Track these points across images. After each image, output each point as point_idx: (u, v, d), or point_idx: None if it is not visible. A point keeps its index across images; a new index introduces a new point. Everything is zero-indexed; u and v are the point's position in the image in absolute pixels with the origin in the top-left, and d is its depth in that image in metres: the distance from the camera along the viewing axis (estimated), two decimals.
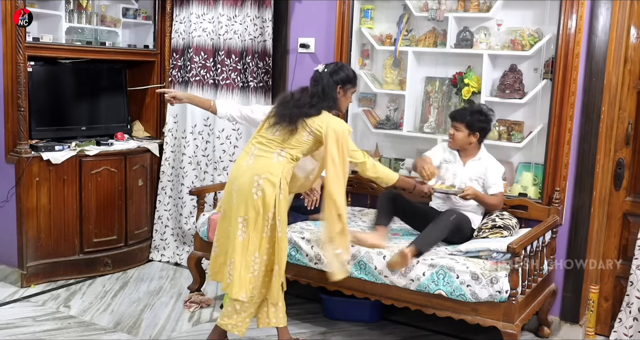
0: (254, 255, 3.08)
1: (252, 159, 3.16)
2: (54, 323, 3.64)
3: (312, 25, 4.38)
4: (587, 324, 3.49)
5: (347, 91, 3.29)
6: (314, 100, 3.16)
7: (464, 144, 3.61)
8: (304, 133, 3.13)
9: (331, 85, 3.20)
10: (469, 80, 3.86)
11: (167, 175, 4.78)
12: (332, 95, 3.21)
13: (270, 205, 3.07)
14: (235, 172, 3.19)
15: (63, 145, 4.22)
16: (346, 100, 3.33)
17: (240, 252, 3.08)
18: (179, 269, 4.66)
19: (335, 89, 3.22)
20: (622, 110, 3.58)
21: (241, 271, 3.07)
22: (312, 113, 3.13)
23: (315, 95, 3.18)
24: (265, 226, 3.08)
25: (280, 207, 3.09)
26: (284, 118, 3.14)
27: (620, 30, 3.45)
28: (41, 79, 4.23)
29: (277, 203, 3.08)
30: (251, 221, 3.07)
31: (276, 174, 3.09)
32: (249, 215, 3.07)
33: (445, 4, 3.91)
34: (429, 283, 3.16)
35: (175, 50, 4.70)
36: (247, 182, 3.08)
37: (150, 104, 4.93)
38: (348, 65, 3.42)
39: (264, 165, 3.11)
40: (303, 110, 3.13)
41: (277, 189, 3.08)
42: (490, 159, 3.64)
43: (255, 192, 3.06)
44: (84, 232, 4.32)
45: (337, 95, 3.24)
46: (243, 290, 3.07)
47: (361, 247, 3.36)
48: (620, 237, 3.66)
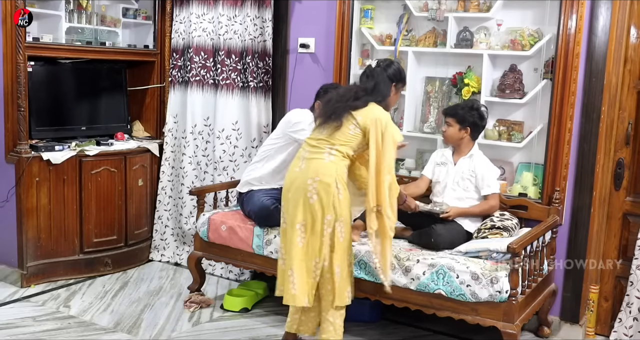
0: (315, 261, 3.01)
1: (304, 163, 3.07)
2: (54, 323, 3.64)
3: (312, 25, 4.38)
4: (587, 324, 3.50)
5: (399, 89, 3.27)
6: (359, 93, 3.11)
7: (456, 140, 3.61)
8: (350, 126, 3.05)
9: (386, 82, 3.17)
10: (469, 80, 3.86)
11: (167, 175, 4.78)
12: (383, 91, 3.16)
13: (329, 208, 2.99)
14: (289, 178, 3.11)
15: (63, 145, 4.22)
16: (396, 98, 3.31)
17: (301, 258, 3.02)
18: (179, 269, 4.66)
19: (390, 85, 3.19)
20: (622, 110, 3.58)
21: (302, 278, 3.01)
22: (358, 105, 3.07)
23: (365, 90, 3.13)
24: (324, 230, 2.99)
25: (341, 208, 3.00)
26: (329, 114, 3.09)
27: (620, 30, 3.45)
28: (41, 79, 4.23)
29: (335, 204, 2.99)
30: (309, 226, 3.00)
31: (330, 174, 3.00)
32: (307, 220, 3.00)
33: (445, 4, 3.91)
34: (429, 282, 3.16)
35: (175, 50, 4.70)
36: (302, 186, 3.01)
37: (150, 104, 4.93)
38: (399, 62, 3.40)
39: (316, 167, 3.02)
40: (348, 103, 3.07)
41: (333, 190, 2.99)
42: (482, 158, 3.61)
43: (310, 196, 2.98)
44: (84, 232, 4.32)
45: (390, 93, 3.20)
46: (305, 296, 3.02)
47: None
48: (620, 237, 3.66)
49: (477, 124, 3.58)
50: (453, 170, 3.63)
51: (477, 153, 3.63)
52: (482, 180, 3.54)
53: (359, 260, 3.35)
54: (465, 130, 3.57)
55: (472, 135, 3.60)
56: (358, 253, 3.35)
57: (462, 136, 3.59)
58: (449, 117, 3.60)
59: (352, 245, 3.23)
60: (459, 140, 3.61)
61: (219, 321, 3.77)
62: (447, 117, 3.61)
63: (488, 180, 3.54)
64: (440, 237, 3.36)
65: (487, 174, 3.55)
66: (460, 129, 3.57)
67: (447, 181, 3.63)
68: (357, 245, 3.39)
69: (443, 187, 3.64)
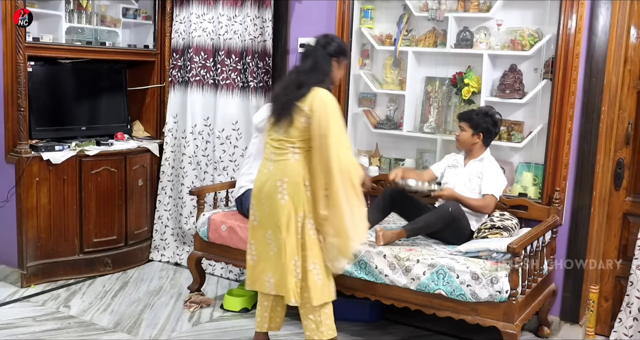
0: (294, 259, 3.02)
1: (272, 164, 3.06)
2: (54, 323, 3.64)
3: (312, 25, 4.37)
4: (587, 324, 3.50)
5: (341, 63, 3.15)
6: (301, 79, 3.03)
7: (469, 145, 3.62)
8: (301, 119, 2.97)
9: (325, 58, 3.06)
10: (469, 80, 3.86)
11: (167, 175, 4.78)
12: (324, 69, 3.05)
13: (299, 206, 2.99)
14: (259, 180, 3.10)
15: (63, 145, 4.22)
16: (340, 72, 3.18)
17: (283, 258, 3.02)
18: (179, 269, 4.66)
19: (330, 61, 3.08)
20: (622, 110, 3.58)
21: (287, 277, 3.01)
22: (303, 93, 2.99)
23: (305, 72, 3.05)
24: (298, 228, 3.00)
25: (310, 205, 3.00)
26: (279, 112, 3.05)
27: (620, 30, 3.45)
28: (41, 79, 4.22)
29: (304, 202, 2.99)
30: (284, 226, 3.00)
31: (298, 173, 2.99)
32: (282, 221, 3.00)
33: (445, 4, 3.91)
34: (429, 282, 3.16)
35: (175, 50, 4.70)
36: (272, 188, 3.01)
37: (150, 104, 4.93)
38: (338, 37, 3.26)
39: (284, 168, 3.01)
40: (292, 95, 3.01)
41: (302, 188, 2.99)
42: (492, 162, 3.62)
43: (282, 197, 2.99)
44: (84, 232, 4.32)
45: (332, 68, 3.09)
46: (292, 296, 3.02)
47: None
48: (620, 237, 3.66)
49: (490, 130, 3.58)
50: (462, 172, 3.64)
51: (489, 158, 3.64)
52: (485, 180, 3.54)
53: (359, 260, 3.35)
54: (477, 135, 3.58)
55: (484, 141, 3.61)
56: (358, 253, 3.36)
57: (474, 141, 3.60)
58: (463, 122, 3.61)
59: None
60: (471, 145, 3.62)
61: (219, 321, 3.77)
62: (461, 122, 3.62)
63: (490, 181, 3.54)
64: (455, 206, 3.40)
65: (492, 176, 3.55)
66: (473, 134, 3.58)
67: (455, 182, 3.63)
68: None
69: (452, 187, 3.64)
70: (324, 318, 3.07)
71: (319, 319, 3.07)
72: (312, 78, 3.03)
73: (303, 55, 3.16)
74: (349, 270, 3.38)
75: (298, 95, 2.99)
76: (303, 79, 3.03)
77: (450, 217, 3.38)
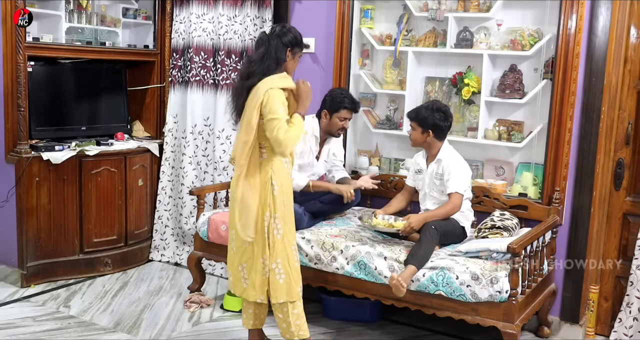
0: (262, 257, 3.04)
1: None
2: (54, 323, 3.64)
3: (312, 25, 4.37)
4: (587, 324, 3.49)
5: (296, 54, 3.07)
6: (252, 68, 2.98)
7: (421, 143, 3.54)
8: (256, 114, 2.92)
9: (279, 47, 2.98)
10: (469, 80, 3.86)
11: (167, 175, 4.78)
12: (277, 56, 2.97)
13: (265, 205, 2.99)
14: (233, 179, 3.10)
15: (63, 145, 4.22)
16: (295, 64, 3.09)
17: (250, 256, 3.05)
18: (179, 269, 4.66)
19: (285, 50, 3.00)
20: (622, 110, 3.58)
21: (255, 275, 3.04)
22: (254, 83, 2.94)
23: (256, 62, 2.98)
24: (264, 227, 3.02)
25: (275, 204, 3.00)
26: (239, 110, 3.02)
27: (620, 30, 3.45)
28: (41, 79, 4.23)
29: (269, 201, 2.99)
30: None
31: (265, 172, 3.00)
32: None
33: (445, 4, 3.91)
34: (429, 284, 3.16)
35: (175, 50, 4.70)
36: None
37: (150, 104, 4.93)
38: (295, 28, 3.15)
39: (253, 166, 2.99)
40: (243, 91, 2.98)
41: (268, 187, 2.99)
42: (449, 159, 3.50)
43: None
44: (84, 232, 4.32)
45: (286, 58, 3.01)
46: (260, 293, 3.05)
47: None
48: (620, 237, 3.65)
49: (438, 125, 3.47)
50: (427, 175, 3.59)
51: (445, 155, 3.52)
52: (447, 181, 3.46)
53: (359, 261, 3.35)
54: (427, 133, 3.49)
55: (436, 136, 3.51)
56: (358, 253, 3.36)
57: (425, 139, 3.52)
58: (412, 121, 3.54)
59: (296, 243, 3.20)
60: (423, 142, 3.54)
61: (219, 321, 3.77)
62: (411, 121, 3.55)
63: (452, 179, 3.44)
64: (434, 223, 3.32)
65: (452, 174, 3.44)
66: (422, 132, 3.50)
67: (424, 187, 3.61)
68: (357, 245, 3.40)
69: (424, 194, 3.62)
70: (292, 319, 3.08)
71: (289, 320, 3.08)
72: (263, 66, 2.97)
73: (256, 44, 3.07)
74: (349, 270, 3.38)
75: (248, 86, 2.95)
76: (254, 68, 2.98)
77: (439, 233, 3.31)
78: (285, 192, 3.05)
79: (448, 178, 3.45)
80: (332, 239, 3.52)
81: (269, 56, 2.98)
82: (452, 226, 3.45)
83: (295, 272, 3.08)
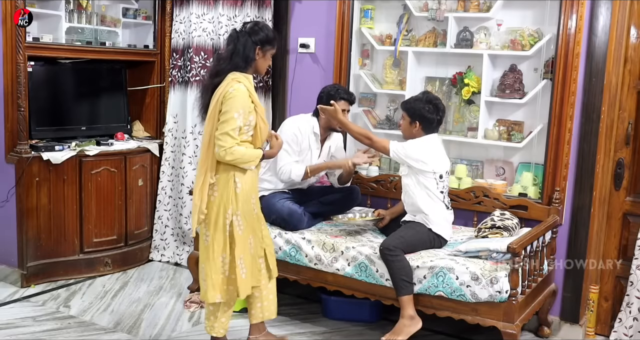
0: (222, 256, 3.02)
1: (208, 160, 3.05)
2: (54, 323, 3.64)
3: (312, 25, 4.38)
4: (587, 324, 3.49)
5: (267, 52, 3.03)
6: (220, 65, 2.97)
7: (409, 134, 3.47)
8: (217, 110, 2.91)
9: (248, 45, 2.96)
10: (469, 80, 3.86)
11: (167, 175, 4.78)
12: (246, 55, 2.95)
13: (228, 202, 2.97)
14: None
15: (63, 145, 4.22)
16: (265, 62, 3.06)
17: (207, 255, 3.04)
18: (179, 269, 4.66)
19: (254, 49, 2.97)
20: (622, 110, 3.58)
21: (212, 275, 3.03)
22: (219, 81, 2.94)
23: (224, 59, 2.97)
24: (226, 225, 2.99)
25: (237, 201, 2.98)
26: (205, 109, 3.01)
27: (620, 30, 3.45)
28: (41, 79, 4.22)
29: (232, 198, 2.97)
30: (212, 223, 3.00)
31: (225, 169, 2.98)
32: (210, 217, 3.00)
33: (445, 4, 3.91)
34: (429, 285, 3.16)
35: (175, 50, 4.70)
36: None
37: (150, 104, 4.93)
38: (267, 25, 3.14)
39: (213, 163, 2.99)
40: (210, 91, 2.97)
41: (231, 184, 2.97)
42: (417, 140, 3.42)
43: (212, 194, 2.99)
44: (84, 232, 4.32)
45: (256, 57, 2.99)
46: (218, 292, 3.04)
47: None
48: (620, 237, 3.65)
49: (425, 117, 3.38)
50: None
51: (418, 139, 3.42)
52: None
53: (360, 263, 3.35)
54: (414, 124, 3.42)
55: (423, 128, 3.42)
56: (359, 255, 3.36)
57: (412, 130, 3.44)
58: (403, 111, 3.49)
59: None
60: (411, 133, 3.45)
61: None
62: (403, 111, 3.50)
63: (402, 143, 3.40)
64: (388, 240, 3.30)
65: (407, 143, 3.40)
66: (410, 122, 3.44)
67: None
68: (357, 246, 3.40)
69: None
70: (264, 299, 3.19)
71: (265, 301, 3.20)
72: (231, 64, 2.96)
73: (226, 41, 3.05)
74: (349, 272, 3.38)
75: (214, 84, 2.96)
76: (222, 66, 2.97)
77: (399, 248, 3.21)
78: (246, 190, 3.03)
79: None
80: (332, 239, 3.52)
81: (237, 54, 2.96)
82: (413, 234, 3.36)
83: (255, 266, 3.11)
